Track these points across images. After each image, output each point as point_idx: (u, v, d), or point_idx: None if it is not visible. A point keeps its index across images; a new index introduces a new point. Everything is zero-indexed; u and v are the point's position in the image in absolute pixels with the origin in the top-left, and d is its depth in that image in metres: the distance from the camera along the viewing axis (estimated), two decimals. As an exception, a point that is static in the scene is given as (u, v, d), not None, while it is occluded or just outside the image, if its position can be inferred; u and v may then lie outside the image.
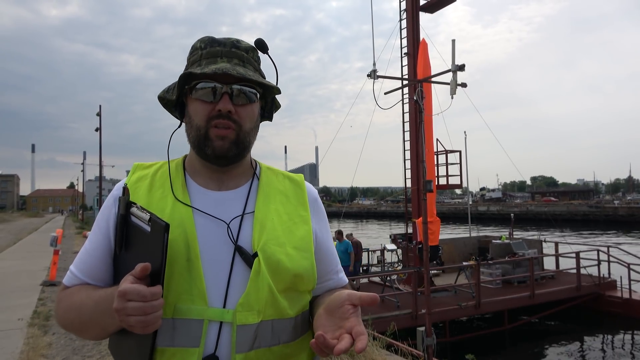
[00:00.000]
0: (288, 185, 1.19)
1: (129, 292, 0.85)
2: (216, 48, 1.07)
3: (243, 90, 1.05)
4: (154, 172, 1.14)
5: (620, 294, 12.32)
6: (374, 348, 4.91)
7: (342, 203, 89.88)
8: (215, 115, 1.03)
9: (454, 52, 6.64)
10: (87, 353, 5.07)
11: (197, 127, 1.05)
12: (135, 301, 0.85)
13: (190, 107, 1.07)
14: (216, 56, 1.06)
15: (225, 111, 1.02)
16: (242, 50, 1.09)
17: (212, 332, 0.97)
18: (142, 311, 0.85)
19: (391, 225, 51.67)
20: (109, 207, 1.11)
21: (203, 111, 1.04)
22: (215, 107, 1.03)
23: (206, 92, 1.04)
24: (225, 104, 1.03)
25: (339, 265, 1.23)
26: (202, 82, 1.04)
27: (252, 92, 1.07)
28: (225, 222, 1.04)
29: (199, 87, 1.04)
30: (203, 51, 1.08)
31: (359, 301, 0.90)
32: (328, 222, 1.24)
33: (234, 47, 1.08)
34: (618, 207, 54.18)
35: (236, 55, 1.07)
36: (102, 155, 29.38)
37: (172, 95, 1.10)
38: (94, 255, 1.08)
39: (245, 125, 1.06)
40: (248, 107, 1.07)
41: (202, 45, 1.09)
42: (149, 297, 0.85)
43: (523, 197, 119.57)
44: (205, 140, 1.04)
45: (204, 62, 1.06)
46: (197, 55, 1.08)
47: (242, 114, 1.05)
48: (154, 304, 0.86)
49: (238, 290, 0.99)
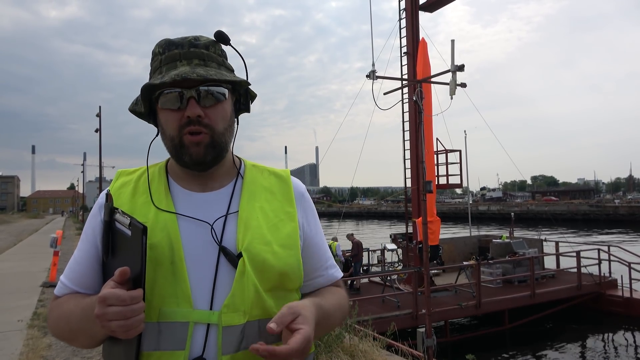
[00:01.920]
0: (274, 181, 1.16)
1: (108, 297, 0.85)
2: (174, 51, 1.03)
3: (210, 90, 1.01)
4: (138, 177, 1.13)
5: (621, 293, 12.30)
6: (374, 348, 4.90)
7: (343, 203, 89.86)
8: (186, 122, 1.00)
9: (453, 52, 6.62)
10: (87, 354, 5.06)
11: (171, 137, 1.03)
12: (115, 306, 0.84)
13: (160, 117, 1.05)
14: (175, 60, 1.02)
15: (194, 117, 0.99)
16: (202, 47, 1.05)
17: (199, 335, 0.96)
18: (123, 315, 0.85)
19: (391, 225, 51.65)
20: (94, 215, 1.10)
21: (173, 120, 1.01)
22: (184, 113, 1.00)
23: (172, 99, 1.00)
24: (192, 109, 0.99)
25: (330, 261, 1.20)
26: (165, 90, 1.00)
27: (220, 92, 1.03)
28: (208, 223, 1.03)
29: (163, 96, 1.01)
30: (162, 56, 1.04)
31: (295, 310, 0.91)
32: (318, 217, 1.21)
33: (192, 46, 1.04)
34: (619, 206, 54.14)
35: (195, 55, 1.03)
36: (102, 156, 29.36)
37: (140, 107, 1.07)
38: (82, 264, 1.08)
39: (217, 127, 1.03)
40: (218, 106, 1.03)
41: (160, 50, 1.05)
42: (129, 300, 0.85)
43: (523, 196, 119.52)
44: (181, 148, 1.02)
45: (164, 69, 1.03)
46: (157, 62, 1.05)
47: (213, 115, 1.02)
48: (133, 308, 0.86)
49: (224, 292, 0.98)
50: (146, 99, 1.04)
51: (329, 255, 1.21)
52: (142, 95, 1.03)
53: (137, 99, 1.09)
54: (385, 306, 10.32)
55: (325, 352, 4.40)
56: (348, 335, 4.89)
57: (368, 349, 4.78)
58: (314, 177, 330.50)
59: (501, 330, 10.99)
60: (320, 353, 4.34)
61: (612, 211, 50.36)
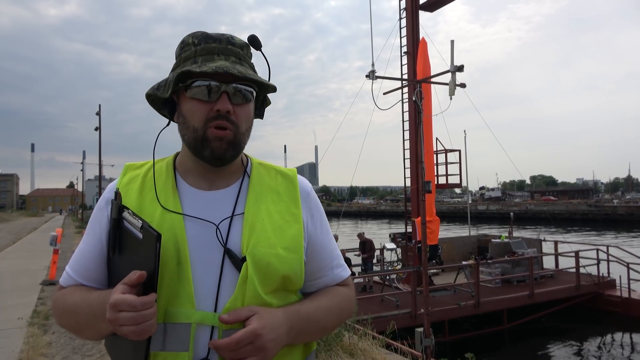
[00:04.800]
0: (280, 181, 1.15)
1: (119, 304, 0.86)
2: (211, 44, 1.03)
3: (240, 89, 1.01)
4: (145, 172, 1.12)
5: (620, 293, 12.33)
6: (373, 347, 4.91)
7: (342, 202, 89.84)
8: (214, 116, 1.00)
9: (453, 53, 6.63)
10: (87, 352, 5.07)
11: (194, 128, 1.01)
12: (126, 312, 0.85)
13: (184, 107, 1.03)
14: (212, 53, 1.02)
15: (224, 111, 0.99)
16: (238, 47, 1.05)
17: (203, 336, 0.96)
18: (134, 321, 0.86)
19: (391, 224, 51.64)
20: (101, 210, 1.10)
21: (200, 111, 1.00)
22: (214, 107, 1.00)
23: (203, 90, 1.00)
24: (224, 103, 0.99)
25: (337, 260, 1.17)
26: (199, 81, 1.00)
27: (249, 91, 1.04)
28: (214, 224, 1.02)
29: (195, 86, 1.00)
30: (197, 47, 1.03)
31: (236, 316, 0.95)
32: (325, 216, 1.19)
33: (230, 43, 1.04)
34: (617, 206, 54.12)
35: (232, 53, 1.04)
36: (101, 155, 29.40)
37: (164, 92, 1.04)
38: (87, 257, 1.08)
39: (242, 126, 1.03)
40: (245, 106, 1.04)
41: (195, 40, 1.04)
42: (140, 307, 0.86)
43: (522, 196, 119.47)
44: (203, 141, 1.01)
45: (199, 59, 1.01)
46: (190, 52, 1.03)
47: (240, 114, 1.03)
48: (145, 314, 0.86)
49: (228, 294, 0.98)
50: (175, 85, 1.02)
51: (337, 255, 1.18)
52: (174, 81, 1.00)
53: (159, 83, 1.07)
54: (384, 305, 10.33)
55: (324, 350, 4.41)
56: (347, 334, 4.90)
57: (367, 348, 4.79)
58: (313, 176, 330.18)
59: (500, 329, 10.99)
60: (319, 351, 4.35)
61: (611, 211, 50.33)
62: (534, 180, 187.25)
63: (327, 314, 1.11)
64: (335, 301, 1.14)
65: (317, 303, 1.10)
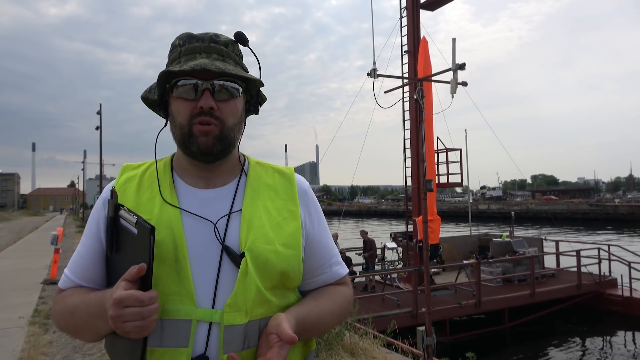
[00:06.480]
0: (277, 179, 1.16)
1: (125, 299, 0.86)
2: (194, 44, 1.05)
3: (224, 85, 1.03)
4: (143, 172, 1.13)
5: (621, 292, 12.31)
6: (374, 346, 4.91)
7: (343, 202, 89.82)
8: (198, 112, 1.02)
9: (454, 51, 6.61)
10: (88, 351, 5.07)
11: (180, 125, 1.04)
12: (132, 307, 0.86)
13: (172, 106, 1.06)
14: (195, 52, 1.05)
15: (207, 108, 1.01)
16: (221, 44, 1.07)
17: (201, 333, 0.97)
18: (141, 316, 0.86)
19: (391, 223, 51.63)
20: (98, 210, 1.11)
21: (185, 109, 1.03)
22: (197, 104, 1.02)
23: (187, 89, 1.02)
24: (206, 100, 1.01)
25: (335, 258, 1.19)
26: (182, 80, 1.02)
27: (234, 87, 1.05)
28: (212, 222, 1.03)
29: (179, 85, 1.03)
30: (182, 48, 1.06)
31: (282, 335, 0.94)
32: (322, 214, 1.20)
33: (213, 41, 1.06)
34: (618, 205, 54.08)
35: (215, 50, 1.06)
36: (102, 154, 29.43)
37: (154, 94, 1.09)
38: (86, 258, 1.09)
39: (228, 121, 1.04)
40: (230, 102, 1.05)
41: (181, 42, 1.07)
42: (147, 301, 0.87)
43: (523, 195, 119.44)
44: (190, 137, 1.03)
45: (183, 60, 1.04)
46: (176, 53, 1.07)
47: (225, 109, 1.04)
48: (151, 308, 0.88)
49: (227, 290, 0.99)
50: (161, 86, 1.06)
51: (334, 253, 1.20)
52: (159, 82, 1.04)
53: (151, 86, 1.11)
54: (385, 304, 10.33)
55: (325, 349, 4.40)
56: (348, 333, 4.90)
57: (368, 347, 4.79)
58: (314, 175, 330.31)
59: (501, 329, 11.00)
60: (320, 351, 4.34)
61: (612, 210, 50.31)
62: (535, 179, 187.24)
63: (328, 315, 1.12)
64: (336, 301, 1.15)
65: (320, 305, 1.10)
